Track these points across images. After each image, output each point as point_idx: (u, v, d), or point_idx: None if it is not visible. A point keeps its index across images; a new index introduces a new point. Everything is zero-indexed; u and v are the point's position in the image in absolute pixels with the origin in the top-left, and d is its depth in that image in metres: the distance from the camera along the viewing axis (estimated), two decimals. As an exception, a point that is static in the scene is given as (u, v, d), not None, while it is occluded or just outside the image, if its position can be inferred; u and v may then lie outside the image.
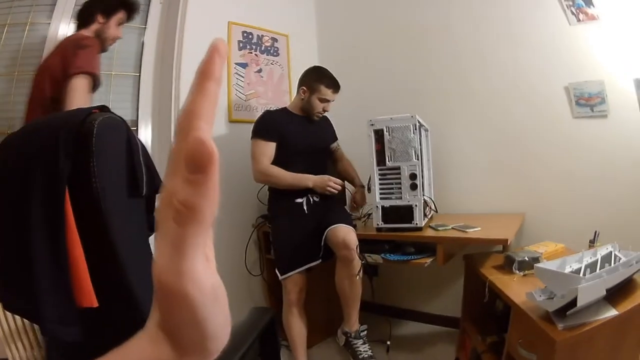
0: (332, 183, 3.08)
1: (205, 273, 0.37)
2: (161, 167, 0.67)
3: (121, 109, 3.29)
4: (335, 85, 3.21)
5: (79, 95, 2.27)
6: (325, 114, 3.34)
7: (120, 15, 2.66)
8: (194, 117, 0.34)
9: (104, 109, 1.23)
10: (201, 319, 0.38)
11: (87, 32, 2.57)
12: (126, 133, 1.22)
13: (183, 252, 0.35)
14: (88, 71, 2.30)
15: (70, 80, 2.28)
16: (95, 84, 2.41)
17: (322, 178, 3.10)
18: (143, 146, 1.29)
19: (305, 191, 3.12)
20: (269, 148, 3.09)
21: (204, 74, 0.35)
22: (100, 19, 2.58)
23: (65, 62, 2.31)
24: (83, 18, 2.61)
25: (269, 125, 3.10)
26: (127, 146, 1.21)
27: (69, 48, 2.37)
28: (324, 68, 3.33)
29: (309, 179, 3.08)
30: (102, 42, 2.61)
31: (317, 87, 3.16)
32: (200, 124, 0.34)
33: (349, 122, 3.76)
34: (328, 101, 3.21)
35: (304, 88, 3.21)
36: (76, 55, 2.29)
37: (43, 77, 2.42)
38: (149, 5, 3.42)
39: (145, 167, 1.26)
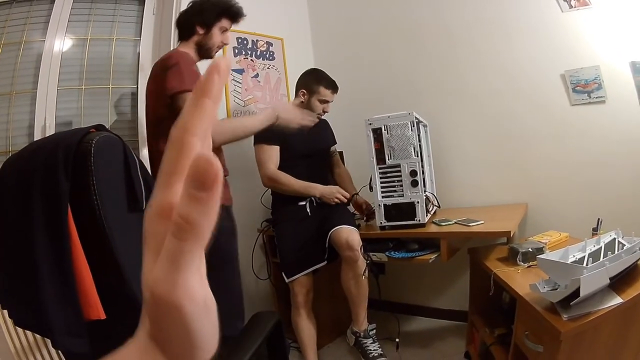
0: (339, 195, 3.10)
1: (200, 287, 0.38)
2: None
3: (120, 122, 3.31)
4: (333, 86, 3.24)
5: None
6: (324, 116, 3.35)
7: (222, 23, 2.62)
8: (188, 132, 0.35)
9: (100, 128, 1.25)
10: (192, 331, 0.38)
11: (188, 44, 2.57)
12: (123, 150, 1.25)
13: (180, 265, 0.35)
14: (180, 90, 2.28)
15: (172, 101, 2.30)
16: None
17: (330, 189, 3.13)
18: (140, 162, 1.32)
19: None
20: (274, 152, 3.11)
21: (202, 91, 0.36)
22: (200, 30, 2.56)
23: (159, 86, 2.35)
24: (182, 30, 2.61)
25: (270, 129, 3.11)
26: (124, 163, 1.24)
27: (158, 71, 2.40)
28: (320, 70, 3.35)
29: (317, 189, 3.11)
30: (206, 52, 2.61)
31: (316, 88, 3.18)
32: (194, 140, 0.35)
33: (347, 122, 3.77)
34: (327, 102, 3.23)
35: (303, 90, 3.23)
36: (165, 78, 2.30)
37: (148, 100, 2.53)
38: (142, 16, 3.42)
39: (144, 182, 1.29)
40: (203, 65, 2.63)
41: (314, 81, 3.23)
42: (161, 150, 2.33)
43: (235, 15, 2.66)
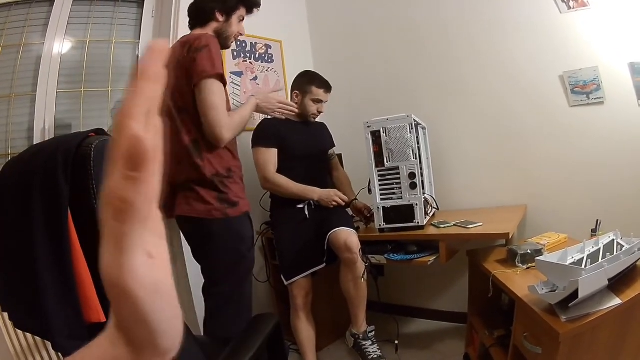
0: (337, 198, 3.12)
1: (145, 268, 0.38)
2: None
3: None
4: (326, 86, 3.27)
5: (212, 99, 2.25)
6: (321, 118, 3.38)
7: (240, 11, 2.58)
8: (128, 116, 0.35)
9: (100, 131, 1.25)
10: (146, 313, 0.38)
11: (205, 31, 2.48)
12: None
13: (122, 247, 0.36)
14: (212, 73, 2.23)
15: (199, 87, 2.24)
16: (223, 82, 2.34)
17: (328, 192, 3.14)
18: None
19: None
20: (272, 155, 3.11)
21: (138, 73, 0.37)
22: (219, 17, 2.50)
23: (184, 70, 2.25)
24: (199, 16, 2.53)
25: (268, 132, 3.12)
26: None
27: (183, 54, 2.27)
28: (313, 71, 3.40)
29: (315, 192, 3.12)
30: (224, 40, 2.55)
31: (308, 89, 3.21)
32: (132, 123, 0.35)
33: (346, 124, 3.79)
34: (321, 101, 3.25)
35: (297, 92, 3.27)
36: (195, 60, 2.22)
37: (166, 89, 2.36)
38: (141, 19, 3.42)
39: None
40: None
41: (306, 82, 3.26)
42: (185, 144, 2.32)
43: (253, 4, 2.65)
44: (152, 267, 0.39)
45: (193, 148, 2.31)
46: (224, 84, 2.34)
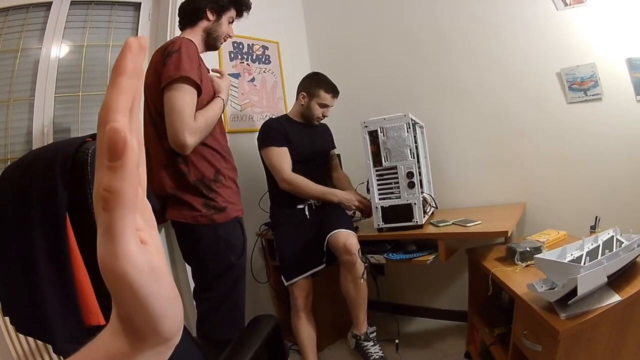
0: (358, 203, 3.15)
1: (139, 253, 0.39)
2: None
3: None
4: (334, 90, 3.25)
5: (174, 102, 2.16)
6: (324, 120, 3.37)
7: (231, 12, 2.55)
8: (109, 110, 0.36)
9: (96, 137, 1.25)
10: (143, 297, 0.39)
11: (194, 31, 2.46)
12: None
13: (115, 235, 0.37)
14: (176, 76, 2.14)
15: (165, 91, 2.17)
16: (196, 86, 2.23)
17: (349, 195, 3.18)
18: None
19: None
20: (285, 153, 3.10)
21: (116, 70, 0.38)
22: (210, 15, 2.46)
23: (158, 74, 2.20)
24: (190, 14, 2.48)
25: (277, 132, 3.10)
26: None
27: (158, 59, 2.24)
28: (322, 74, 3.35)
29: (335, 195, 3.14)
30: (213, 40, 2.53)
31: (316, 92, 3.20)
32: (114, 117, 0.36)
33: (343, 124, 3.78)
34: (327, 106, 3.25)
35: (304, 93, 3.25)
36: (165, 65, 2.17)
37: (147, 93, 2.31)
38: (138, 22, 3.42)
39: None
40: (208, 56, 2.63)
41: (314, 85, 3.23)
42: (167, 149, 2.25)
43: (244, 5, 2.62)
44: (145, 251, 0.40)
45: (177, 153, 2.24)
46: (195, 86, 2.22)
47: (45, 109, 2.98)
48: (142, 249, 0.39)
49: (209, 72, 2.48)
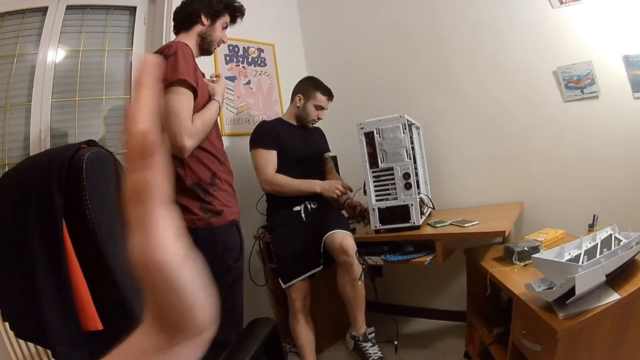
0: (339, 186, 3.11)
1: (172, 240, 0.42)
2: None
3: (114, 132, 3.29)
4: (329, 93, 3.30)
5: (171, 105, 2.14)
6: (319, 123, 3.38)
7: (225, 18, 2.55)
8: (133, 119, 0.40)
9: (91, 143, 1.30)
10: (179, 283, 0.41)
11: (189, 35, 2.45)
12: (114, 165, 1.29)
13: (149, 226, 0.40)
14: (173, 79, 2.13)
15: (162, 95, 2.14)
16: (192, 89, 2.22)
17: (329, 183, 3.15)
18: None
19: (303, 199, 3.14)
20: (272, 156, 3.11)
21: (137, 84, 0.42)
22: (205, 20, 2.45)
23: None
24: (184, 19, 2.48)
25: (268, 134, 3.12)
26: (116, 177, 1.28)
27: None
28: (317, 77, 3.39)
29: (316, 184, 3.13)
30: (207, 45, 2.52)
31: (313, 94, 3.23)
32: (138, 124, 0.40)
33: (339, 126, 3.78)
34: (323, 108, 3.28)
35: (300, 95, 3.27)
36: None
37: None
38: (133, 26, 3.42)
39: None
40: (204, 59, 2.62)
41: (311, 87, 3.27)
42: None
43: (237, 11, 2.61)
44: (178, 239, 0.43)
45: (173, 157, 2.21)
46: (191, 89, 2.22)
47: (42, 114, 2.99)
48: (176, 236, 0.42)
49: (204, 77, 2.47)
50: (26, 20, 3.03)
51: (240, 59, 3.89)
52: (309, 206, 3.14)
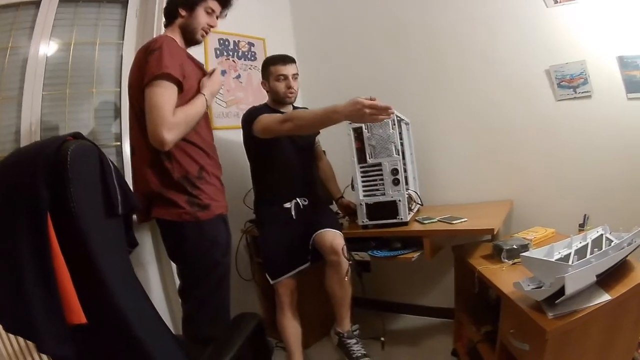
0: (368, 106, 2.34)
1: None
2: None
3: (104, 125, 3.31)
4: (283, 59, 3.13)
5: (155, 99, 2.12)
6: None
7: (208, 3, 2.48)
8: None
9: (77, 135, 1.32)
10: None
11: (172, 29, 2.45)
12: (99, 158, 1.31)
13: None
14: (158, 73, 2.11)
15: (146, 89, 2.14)
16: (177, 83, 2.19)
17: (353, 104, 2.36)
18: (116, 168, 1.40)
19: (293, 195, 3.10)
20: (277, 115, 2.90)
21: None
22: (182, 12, 2.43)
23: (142, 73, 2.18)
24: (166, 15, 2.49)
25: (262, 110, 3.05)
26: (100, 170, 1.31)
27: (141, 58, 2.23)
28: (269, 55, 3.30)
29: (337, 111, 2.46)
30: (191, 35, 2.48)
31: (267, 72, 3.14)
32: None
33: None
34: (286, 76, 3.10)
35: (263, 81, 3.21)
36: (147, 63, 2.15)
37: (131, 92, 2.32)
38: (125, 19, 3.41)
39: (120, 189, 1.38)
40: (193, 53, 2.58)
41: (264, 68, 3.20)
42: (151, 146, 2.22)
43: None
44: None
45: (161, 151, 2.20)
46: (176, 82, 2.19)
47: (33, 107, 2.97)
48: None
49: (202, 69, 2.50)
50: (20, 12, 3.02)
51: (231, 53, 3.87)
52: (300, 204, 3.09)
